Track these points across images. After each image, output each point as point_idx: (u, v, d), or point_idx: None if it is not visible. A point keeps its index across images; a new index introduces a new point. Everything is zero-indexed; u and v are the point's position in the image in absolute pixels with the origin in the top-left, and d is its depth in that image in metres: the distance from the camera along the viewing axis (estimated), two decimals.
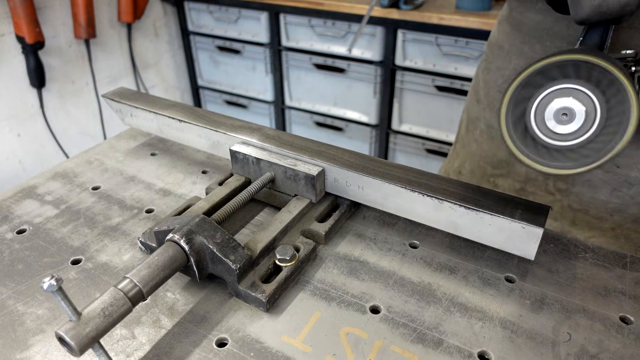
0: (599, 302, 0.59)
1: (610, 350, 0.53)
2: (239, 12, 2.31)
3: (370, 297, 0.60)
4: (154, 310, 0.59)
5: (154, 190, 0.82)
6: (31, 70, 1.86)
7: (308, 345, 0.54)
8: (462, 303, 0.59)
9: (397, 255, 0.67)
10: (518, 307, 0.59)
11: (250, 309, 0.59)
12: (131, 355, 0.53)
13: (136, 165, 0.89)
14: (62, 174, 0.86)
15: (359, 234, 0.71)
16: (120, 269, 0.65)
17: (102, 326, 0.46)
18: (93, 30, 2.03)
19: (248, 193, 0.69)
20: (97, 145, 0.96)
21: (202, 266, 0.58)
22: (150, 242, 0.65)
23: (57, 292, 0.43)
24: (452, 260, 0.66)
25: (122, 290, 0.49)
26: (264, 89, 2.50)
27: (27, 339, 0.55)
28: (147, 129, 0.92)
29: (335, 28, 2.14)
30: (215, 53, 2.54)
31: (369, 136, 2.41)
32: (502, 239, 0.61)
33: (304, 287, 0.62)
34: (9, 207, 0.78)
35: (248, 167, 0.75)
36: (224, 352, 0.53)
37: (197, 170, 0.88)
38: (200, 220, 0.59)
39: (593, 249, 0.68)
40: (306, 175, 0.69)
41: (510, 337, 0.55)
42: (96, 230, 0.72)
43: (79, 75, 2.12)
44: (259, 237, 0.64)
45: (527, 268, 0.65)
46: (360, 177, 0.67)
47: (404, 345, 0.54)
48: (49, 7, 1.91)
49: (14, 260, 0.66)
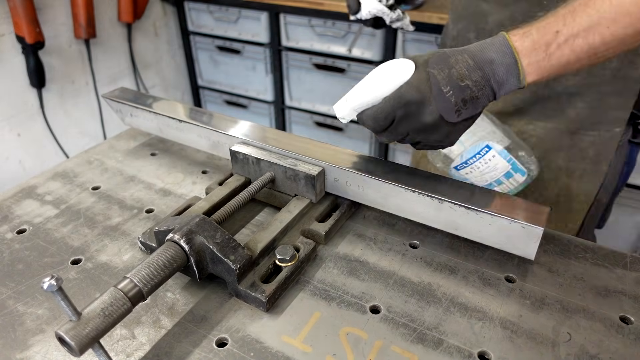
0: (599, 302, 0.59)
1: (610, 350, 0.53)
2: (239, 12, 2.31)
3: (370, 297, 0.60)
4: (154, 310, 0.59)
5: (154, 190, 0.82)
6: (31, 70, 1.85)
7: (308, 345, 0.54)
8: (462, 303, 0.59)
9: (397, 255, 0.67)
10: (518, 307, 0.59)
11: (250, 309, 0.59)
12: (131, 355, 0.53)
13: (136, 165, 0.89)
14: (62, 174, 0.86)
15: (359, 234, 0.71)
16: (120, 269, 0.65)
17: (102, 326, 0.46)
18: (93, 30, 2.03)
19: (248, 193, 0.69)
20: (97, 145, 0.96)
21: (202, 266, 0.58)
22: (150, 242, 0.65)
23: (57, 292, 0.43)
24: (452, 260, 0.66)
25: (122, 290, 0.49)
26: (264, 89, 2.50)
27: (27, 339, 0.55)
28: (147, 129, 0.92)
29: (335, 28, 2.14)
30: (215, 53, 2.54)
31: (368, 136, 2.41)
32: (502, 239, 0.61)
33: (304, 287, 0.62)
34: (9, 207, 0.78)
35: (248, 167, 0.75)
36: (224, 352, 0.53)
37: (197, 170, 0.88)
38: (200, 220, 0.59)
39: (593, 249, 0.68)
40: (306, 175, 0.69)
41: (510, 337, 0.55)
42: (96, 230, 0.72)
43: (79, 75, 2.11)
44: (259, 237, 0.64)
45: (527, 268, 0.65)
46: (360, 177, 0.67)
47: (404, 345, 0.54)
48: (49, 7, 1.90)
49: (14, 260, 0.66)
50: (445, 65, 0.58)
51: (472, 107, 0.59)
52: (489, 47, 0.59)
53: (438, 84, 0.58)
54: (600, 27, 0.57)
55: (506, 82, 0.60)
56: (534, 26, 0.59)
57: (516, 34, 0.59)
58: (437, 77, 0.58)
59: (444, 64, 0.58)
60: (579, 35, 0.58)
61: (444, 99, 0.58)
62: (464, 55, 0.59)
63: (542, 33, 0.58)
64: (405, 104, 0.59)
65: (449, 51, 0.60)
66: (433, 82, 0.58)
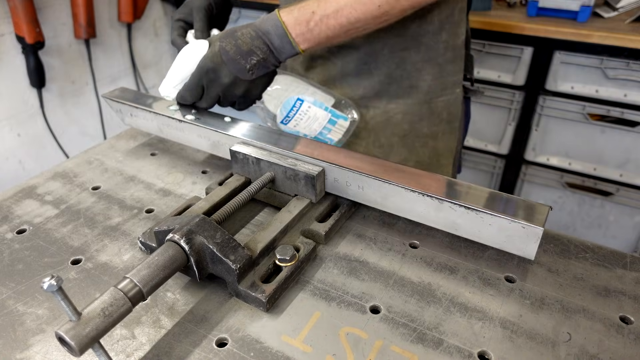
0: (599, 302, 0.59)
1: (610, 350, 0.53)
2: (239, 12, 2.31)
3: (370, 297, 0.60)
4: (154, 310, 0.59)
5: (154, 190, 0.82)
6: (31, 70, 1.85)
7: (308, 345, 0.54)
8: (462, 303, 0.59)
9: (397, 255, 0.67)
10: (518, 307, 0.59)
11: (250, 309, 0.59)
12: (131, 355, 0.53)
13: (136, 165, 0.89)
14: (62, 174, 0.86)
15: (359, 234, 0.71)
16: (120, 269, 0.65)
17: (102, 326, 0.46)
18: (93, 30, 2.03)
19: (248, 193, 0.69)
20: (97, 145, 0.96)
21: (202, 266, 0.58)
22: (150, 242, 0.65)
23: (57, 292, 0.43)
24: (452, 260, 0.66)
25: (122, 290, 0.49)
26: None
27: (27, 339, 0.55)
28: (147, 129, 0.92)
29: None
30: None
31: None
32: (502, 239, 0.61)
33: (304, 287, 0.62)
34: (9, 207, 0.78)
35: (248, 167, 0.75)
36: (224, 352, 0.53)
37: (197, 170, 0.88)
38: (200, 220, 0.59)
39: (593, 249, 0.68)
40: (306, 175, 0.69)
41: (510, 337, 0.55)
42: (96, 230, 0.72)
43: (79, 75, 2.12)
44: (259, 237, 0.64)
45: (527, 268, 0.65)
46: (360, 177, 0.67)
47: (404, 345, 0.54)
48: (49, 7, 1.90)
49: (14, 260, 0.66)
50: (232, 38, 0.77)
51: (262, 67, 0.79)
52: (265, 21, 0.79)
53: (227, 52, 0.77)
54: (344, 11, 0.77)
55: (283, 48, 0.79)
56: (296, 6, 0.78)
57: (284, 11, 0.78)
58: (225, 47, 0.77)
59: (231, 37, 0.77)
60: (330, 16, 0.77)
61: (235, 62, 0.77)
62: (248, 29, 0.78)
63: (302, 12, 0.78)
64: (206, 72, 0.78)
65: (237, 27, 0.79)
66: (222, 52, 0.77)
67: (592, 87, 1.75)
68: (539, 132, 1.91)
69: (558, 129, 1.88)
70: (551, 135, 1.91)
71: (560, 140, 1.90)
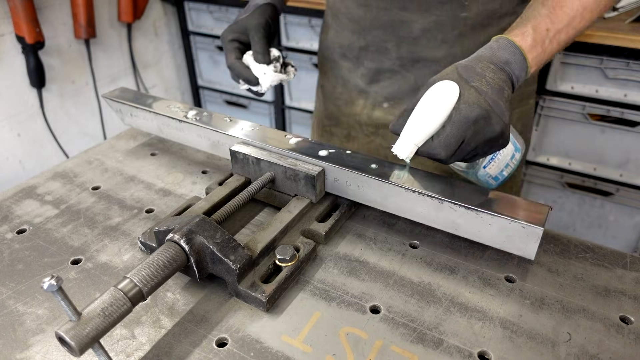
0: (599, 302, 0.59)
1: (610, 350, 0.53)
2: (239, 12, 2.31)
3: (370, 297, 0.60)
4: (154, 310, 0.59)
5: (154, 190, 0.82)
6: (31, 70, 1.85)
7: (308, 345, 0.54)
8: (462, 303, 0.59)
9: (397, 255, 0.67)
10: (518, 307, 0.59)
11: (250, 309, 0.59)
12: (131, 355, 0.53)
13: (136, 165, 0.89)
14: (62, 174, 0.86)
15: (359, 234, 0.71)
16: (120, 269, 0.65)
17: (102, 326, 0.46)
18: (93, 30, 2.03)
19: (248, 193, 0.69)
20: (97, 145, 0.96)
21: (202, 266, 0.58)
22: (150, 242, 0.65)
23: (57, 292, 0.43)
24: (452, 260, 0.66)
25: (122, 290, 0.49)
26: None
27: (27, 339, 0.55)
28: (147, 129, 0.92)
29: None
30: (215, 53, 2.54)
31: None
32: (502, 239, 0.61)
33: (304, 287, 0.62)
34: (9, 207, 0.78)
35: (248, 167, 0.75)
36: (224, 352, 0.53)
37: (197, 170, 0.88)
38: (200, 220, 0.59)
39: (593, 249, 0.68)
40: (306, 175, 0.69)
41: (510, 337, 0.55)
42: (96, 230, 0.72)
43: (79, 75, 2.11)
44: (259, 237, 0.64)
45: (527, 268, 0.65)
46: (360, 177, 0.67)
47: (404, 345, 0.54)
48: (49, 7, 1.90)
49: (14, 260, 0.66)
50: (478, 75, 0.63)
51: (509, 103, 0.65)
52: (497, 50, 0.66)
53: (488, 94, 0.61)
54: (574, 22, 0.71)
55: (520, 77, 0.68)
56: (527, 27, 0.69)
57: (516, 35, 0.68)
58: (482, 88, 0.62)
59: (475, 75, 0.63)
60: (562, 30, 0.71)
61: (498, 105, 0.62)
62: (483, 62, 0.65)
63: (537, 32, 0.69)
64: (473, 122, 0.60)
65: (464, 63, 0.65)
66: (484, 94, 0.61)
67: (592, 87, 1.75)
68: (539, 132, 1.91)
69: (558, 129, 1.88)
70: (551, 135, 1.91)
71: (560, 140, 1.90)
